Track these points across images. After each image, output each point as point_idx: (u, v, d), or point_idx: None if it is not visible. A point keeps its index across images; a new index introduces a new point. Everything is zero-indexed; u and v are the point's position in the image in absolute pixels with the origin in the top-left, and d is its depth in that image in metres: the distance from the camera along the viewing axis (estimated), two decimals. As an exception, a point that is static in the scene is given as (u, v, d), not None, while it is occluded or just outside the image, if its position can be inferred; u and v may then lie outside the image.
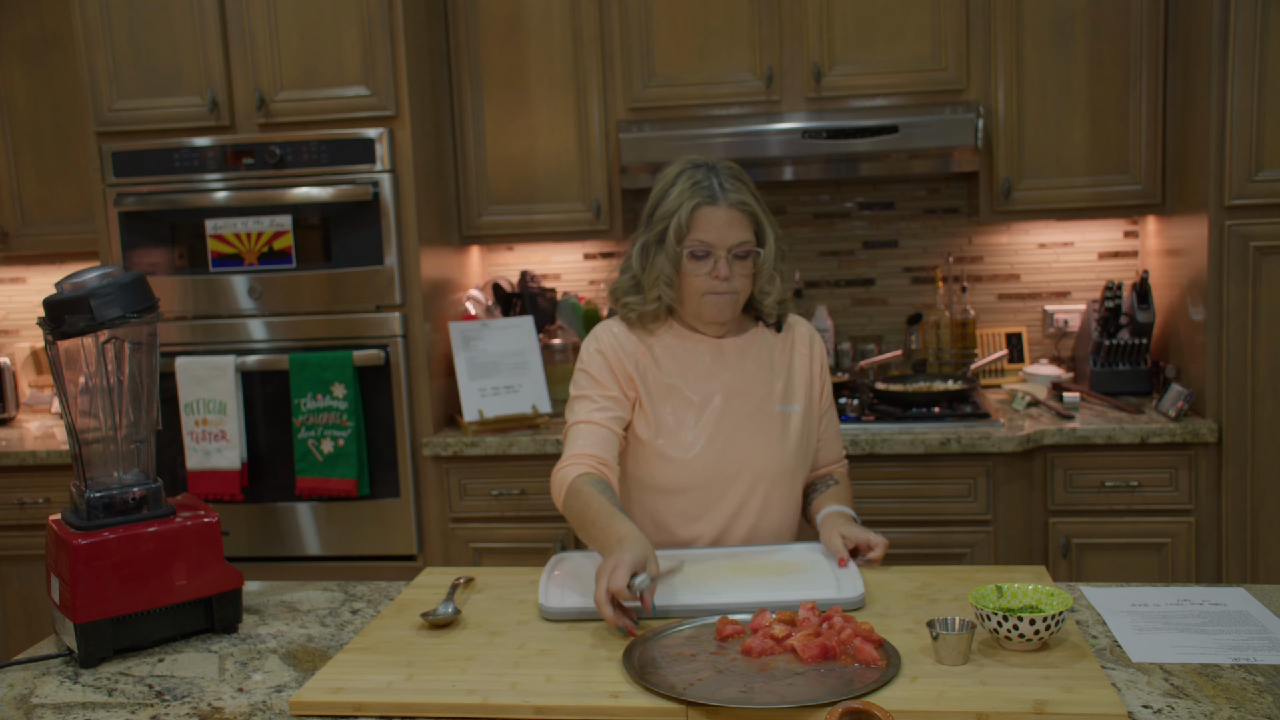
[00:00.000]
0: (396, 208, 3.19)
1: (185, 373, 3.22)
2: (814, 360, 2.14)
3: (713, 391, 2.05)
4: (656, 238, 2.00)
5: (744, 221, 1.98)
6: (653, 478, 2.04)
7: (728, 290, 1.99)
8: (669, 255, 1.98)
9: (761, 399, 2.06)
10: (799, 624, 1.57)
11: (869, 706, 1.28)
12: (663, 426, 2.03)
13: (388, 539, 3.27)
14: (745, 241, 1.98)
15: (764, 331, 2.12)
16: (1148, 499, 3.01)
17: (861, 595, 1.73)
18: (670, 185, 2.01)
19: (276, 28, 3.17)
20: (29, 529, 3.43)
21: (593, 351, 2.06)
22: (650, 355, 2.06)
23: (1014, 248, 3.65)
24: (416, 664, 1.60)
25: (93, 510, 1.73)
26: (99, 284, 1.70)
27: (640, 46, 3.36)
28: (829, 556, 1.92)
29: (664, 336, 2.07)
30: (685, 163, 2.03)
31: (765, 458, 2.04)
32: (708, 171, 1.99)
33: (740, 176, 2.01)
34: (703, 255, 1.97)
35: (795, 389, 2.10)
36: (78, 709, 1.54)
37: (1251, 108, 2.87)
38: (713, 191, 1.97)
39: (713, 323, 2.04)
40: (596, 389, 2.03)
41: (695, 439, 2.02)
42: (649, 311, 2.04)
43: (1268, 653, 1.54)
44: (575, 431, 2.00)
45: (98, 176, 3.28)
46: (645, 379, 2.04)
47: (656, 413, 2.04)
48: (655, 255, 2.01)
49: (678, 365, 2.05)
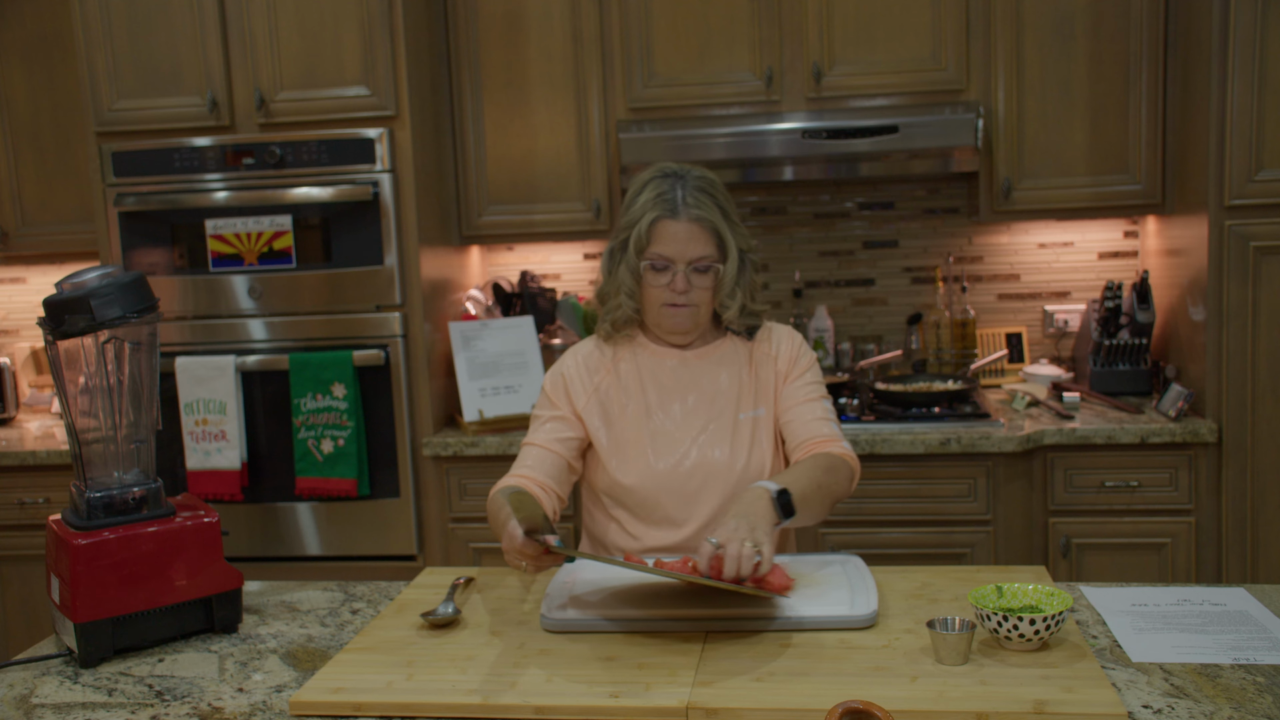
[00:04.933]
0: (396, 208, 3.19)
1: (185, 373, 3.23)
2: (781, 359, 2.09)
3: (676, 402, 2.06)
4: (620, 246, 2.03)
5: (704, 236, 1.96)
6: (619, 490, 2.04)
7: (686, 303, 1.99)
8: (629, 266, 2.00)
9: (725, 407, 2.05)
10: None
11: (869, 706, 1.28)
12: (626, 440, 2.04)
13: (388, 539, 3.27)
14: (705, 256, 1.97)
15: (733, 340, 2.11)
16: (1148, 499, 3.01)
17: (874, 613, 1.67)
18: (638, 193, 2.00)
19: (276, 28, 3.17)
20: (29, 529, 3.43)
21: (554, 373, 2.11)
22: (615, 372, 2.08)
23: (1014, 248, 3.65)
24: (416, 664, 1.60)
25: (93, 510, 1.73)
26: (99, 284, 1.70)
27: (640, 46, 3.36)
28: (842, 568, 1.89)
29: (631, 350, 2.09)
30: (656, 170, 2.02)
31: (729, 465, 2.02)
32: (674, 182, 1.98)
33: (708, 188, 1.99)
34: (662, 268, 1.97)
35: (762, 394, 2.08)
36: (78, 709, 1.54)
37: (1251, 108, 2.87)
38: (674, 204, 1.95)
39: (673, 333, 2.05)
40: (549, 409, 2.08)
41: (658, 450, 2.03)
42: (617, 321, 2.07)
43: (1268, 653, 1.54)
44: (521, 453, 2.08)
45: (98, 176, 3.28)
46: (607, 396, 2.06)
47: (619, 427, 2.05)
48: (619, 264, 2.03)
49: (640, 378, 2.07)
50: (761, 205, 3.73)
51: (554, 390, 2.09)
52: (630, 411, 2.05)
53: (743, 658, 1.56)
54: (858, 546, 3.00)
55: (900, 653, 1.55)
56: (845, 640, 1.61)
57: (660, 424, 2.04)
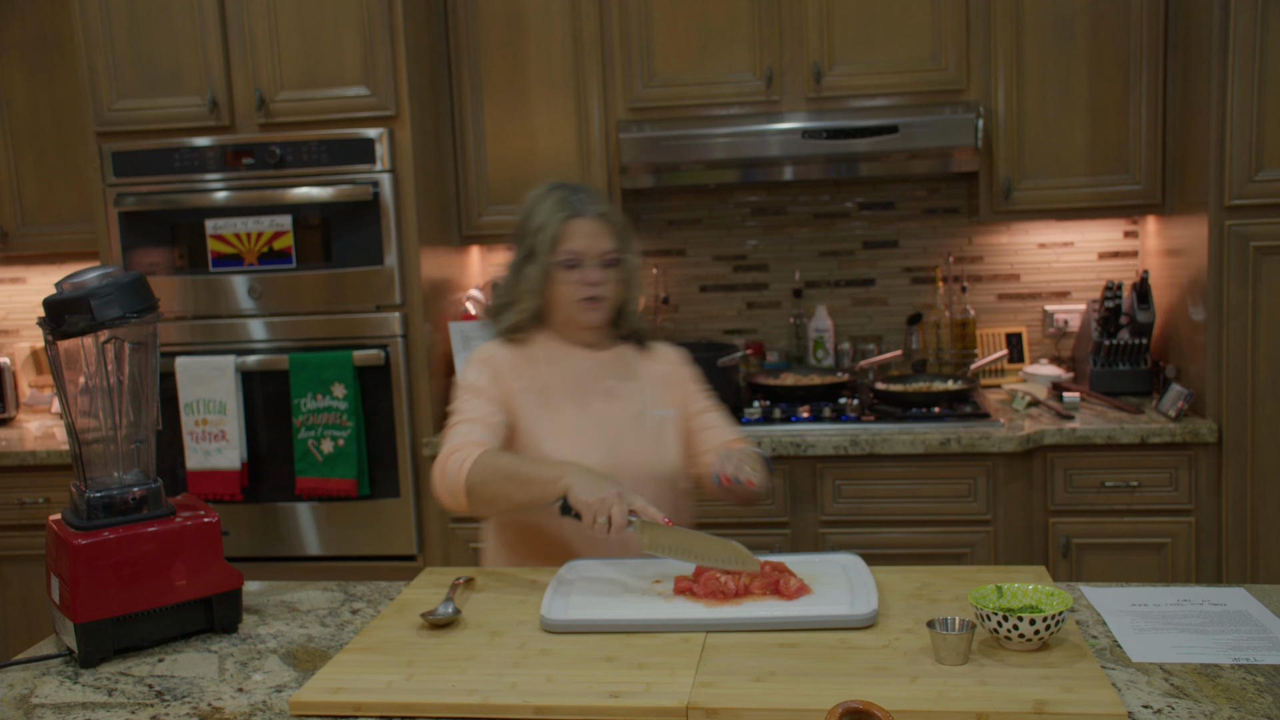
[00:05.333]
0: (396, 208, 3.19)
1: (185, 373, 3.22)
2: (678, 369, 2.25)
3: (593, 397, 2.13)
4: (525, 254, 2.13)
5: (609, 231, 2.11)
6: None
7: (599, 294, 2.10)
8: (540, 266, 2.10)
9: (637, 405, 2.16)
10: None
11: (869, 706, 1.28)
12: (549, 432, 2.09)
13: (388, 539, 3.27)
14: (612, 250, 2.11)
15: (629, 347, 2.24)
16: (1148, 499, 3.01)
17: (874, 612, 1.67)
18: (536, 205, 2.15)
19: (276, 28, 3.17)
20: (29, 529, 3.43)
21: (473, 365, 2.14)
22: (533, 365, 2.14)
23: (1014, 248, 3.65)
24: (416, 664, 1.60)
25: (93, 510, 1.73)
26: (99, 284, 1.71)
27: (640, 46, 3.36)
28: (842, 568, 1.89)
29: (542, 347, 2.16)
30: (546, 186, 2.17)
31: (648, 460, 2.12)
32: (571, 190, 2.14)
33: (600, 195, 2.16)
34: (574, 264, 2.09)
35: (665, 396, 2.20)
36: (78, 709, 1.54)
37: (1251, 108, 2.87)
38: (579, 205, 2.11)
39: (585, 328, 2.15)
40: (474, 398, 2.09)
41: (583, 444, 2.08)
42: (520, 322, 2.14)
43: (1268, 653, 1.54)
44: (457, 430, 2.05)
45: (98, 176, 3.28)
46: (529, 387, 2.12)
47: (541, 419, 2.10)
48: (524, 269, 2.13)
49: (559, 372, 2.14)
50: (761, 205, 3.73)
51: (478, 379, 2.11)
52: (555, 402, 2.12)
53: (743, 658, 1.56)
54: (858, 546, 3.00)
55: (900, 653, 1.56)
56: (845, 640, 1.61)
57: (588, 418, 2.11)
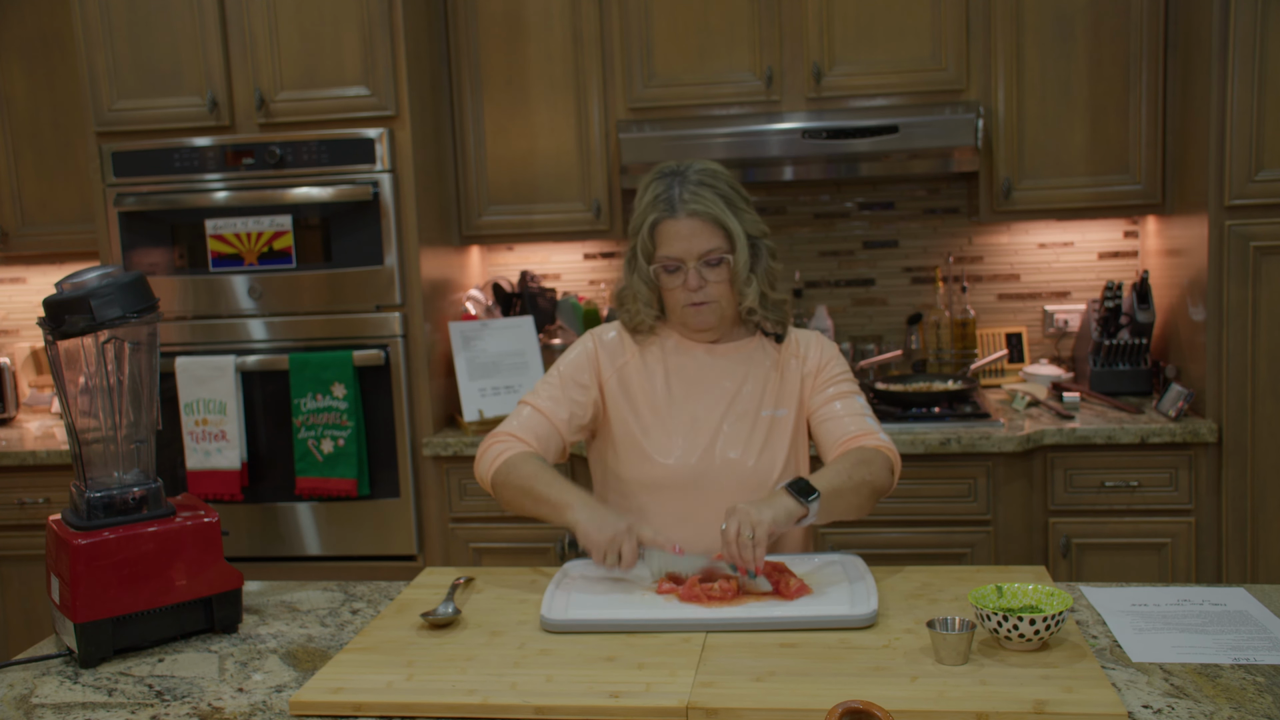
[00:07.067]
0: (396, 208, 3.19)
1: (185, 373, 3.22)
2: (809, 361, 2.09)
3: (699, 396, 2.05)
4: (631, 252, 2.04)
5: (707, 229, 1.94)
6: (638, 478, 2.04)
7: (705, 299, 1.98)
8: (642, 275, 2.02)
9: (749, 404, 2.05)
10: None
11: (869, 706, 1.28)
12: (646, 429, 2.03)
13: (388, 539, 3.27)
14: (713, 250, 1.95)
15: (762, 340, 2.11)
16: (1148, 499, 3.01)
17: (874, 612, 1.67)
18: (640, 197, 2.02)
19: (276, 28, 3.17)
20: (29, 529, 3.43)
21: (578, 349, 2.10)
22: (640, 359, 2.07)
23: (1014, 248, 3.65)
24: (416, 664, 1.60)
25: (93, 510, 1.73)
26: (99, 284, 1.70)
27: (640, 46, 3.36)
28: (842, 568, 1.89)
29: (658, 341, 2.09)
30: (656, 171, 2.02)
31: (749, 462, 2.02)
32: (671, 180, 1.97)
33: (708, 180, 1.97)
34: (673, 269, 1.97)
35: (786, 394, 2.07)
36: (78, 709, 1.54)
37: (1251, 108, 2.87)
38: (671, 203, 1.95)
39: (698, 331, 2.05)
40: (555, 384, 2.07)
41: (677, 442, 2.02)
42: (638, 324, 2.07)
43: (1268, 653, 1.54)
44: (520, 412, 2.06)
45: (98, 176, 3.28)
46: (629, 383, 2.06)
47: (639, 415, 2.04)
48: (633, 273, 2.04)
49: (666, 369, 2.06)
50: (761, 205, 3.73)
51: (571, 366, 2.07)
52: (656, 400, 2.05)
53: (743, 658, 1.56)
54: (858, 546, 3.00)
55: (900, 653, 1.56)
56: (845, 640, 1.61)
57: (684, 415, 2.03)
